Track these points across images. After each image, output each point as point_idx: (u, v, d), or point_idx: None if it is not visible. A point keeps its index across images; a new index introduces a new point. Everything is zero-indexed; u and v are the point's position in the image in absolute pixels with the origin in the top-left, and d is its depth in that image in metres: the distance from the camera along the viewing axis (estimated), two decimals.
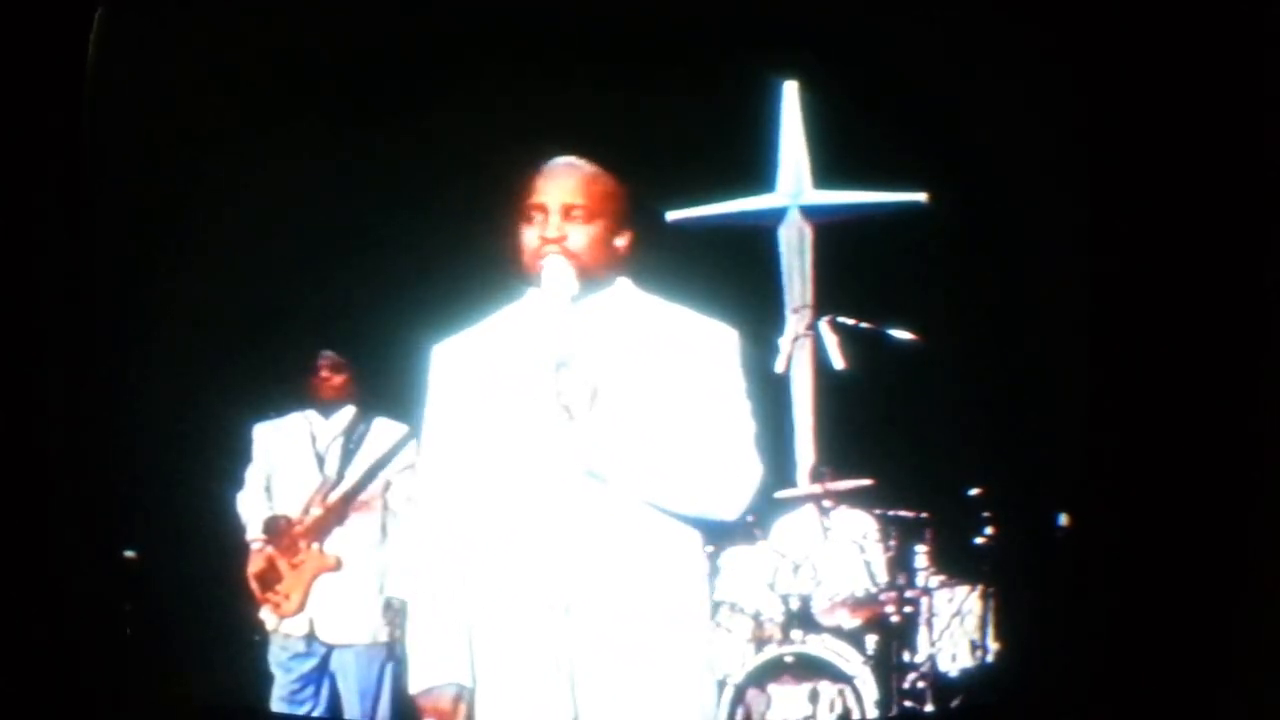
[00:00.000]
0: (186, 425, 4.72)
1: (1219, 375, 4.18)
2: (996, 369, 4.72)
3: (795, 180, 5.20)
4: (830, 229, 5.21)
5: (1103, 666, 4.25)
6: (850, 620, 5.11)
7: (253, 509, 5.07)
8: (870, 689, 4.98)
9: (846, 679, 4.97)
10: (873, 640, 5.07)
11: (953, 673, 5.07)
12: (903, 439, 4.98)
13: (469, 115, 4.71)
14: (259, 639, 4.99)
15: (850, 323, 5.12)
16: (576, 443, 2.90)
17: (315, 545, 5.02)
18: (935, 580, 5.16)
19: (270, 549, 5.01)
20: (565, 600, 2.87)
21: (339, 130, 4.68)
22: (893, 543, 5.19)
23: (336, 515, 5.05)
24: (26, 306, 4.21)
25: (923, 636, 5.10)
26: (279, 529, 5.03)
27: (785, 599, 5.12)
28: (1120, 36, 4.22)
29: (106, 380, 4.39)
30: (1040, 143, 4.46)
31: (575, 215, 3.07)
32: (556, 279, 3.00)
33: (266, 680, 4.99)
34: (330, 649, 5.06)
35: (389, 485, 5.09)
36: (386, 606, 5.06)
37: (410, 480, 5.08)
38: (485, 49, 4.62)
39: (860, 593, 5.16)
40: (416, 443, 4.98)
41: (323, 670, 5.07)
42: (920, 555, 5.20)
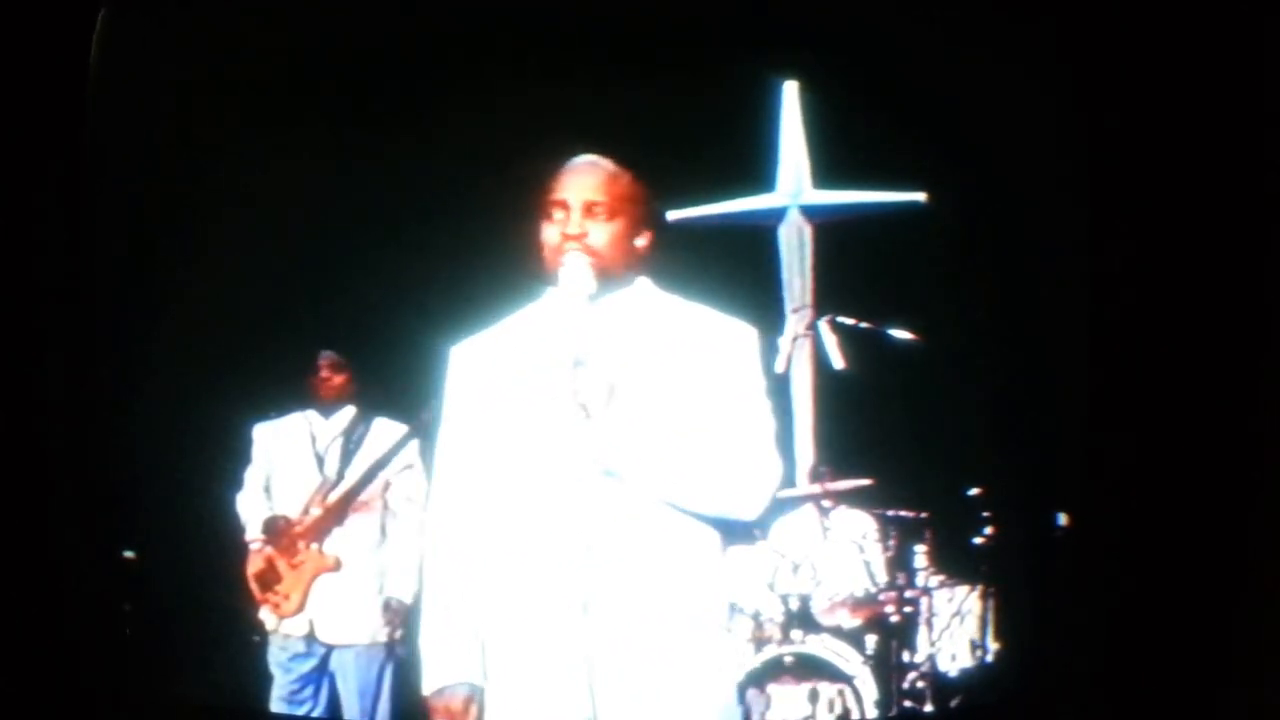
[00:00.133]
0: (186, 425, 4.71)
1: (1219, 375, 4.18)
2: (996, 369, 4.72)
3: (795, 180, 5.20)
4: (830, 229, 5.21)
5: (1103, 666, 4.24)
6: (850, 620, 5.11)
7: (252, 509, 5.06)
8: (870, 689, 4.98)
9: (846, 679, 4.97)
10: (872, 640, 5.07)
11: (952, 673, 5.07)
12: (902, 439, 4.98)
13: (468, 116, 4.71)
14: (258, 639, 4.99)
15: (850, 323, 5.12)
16: (593, 441, 2.89)
17: (315, 545, 5.02)
18: (935, 580, 5.16)
19: (270, 549, 5.01)
20: (583, 599, 2.86)
21: (341, 131, 4.68)
22: (892, 543, 5.19)
23: (336, 515, 5.04)
24: (26, 306, 4.20)
25: (922, 636, 5.10)
26: (278, 529, 5.03)
27: (785, 599, 5.12)
28: (1120, 36, 4.22)
29: (106, 380, 4.38)
30: (1040, 143, 4.46)
31: (597, 213, 3.05)
32: (575, 277, 2.99)
33: (266, 680, 4.98)
34: (330, 649, 5.05)
35: (389, 485, 5.09)
36: (386, 607, 5.06)
37: (410, 480, 5.09)
38: (485, 49, 4.62)
39: (860, 593, 5.16)
40: (416, 443, 5.03)
41: (322, 670, 5.06)
42: (920, 555, 5.19)
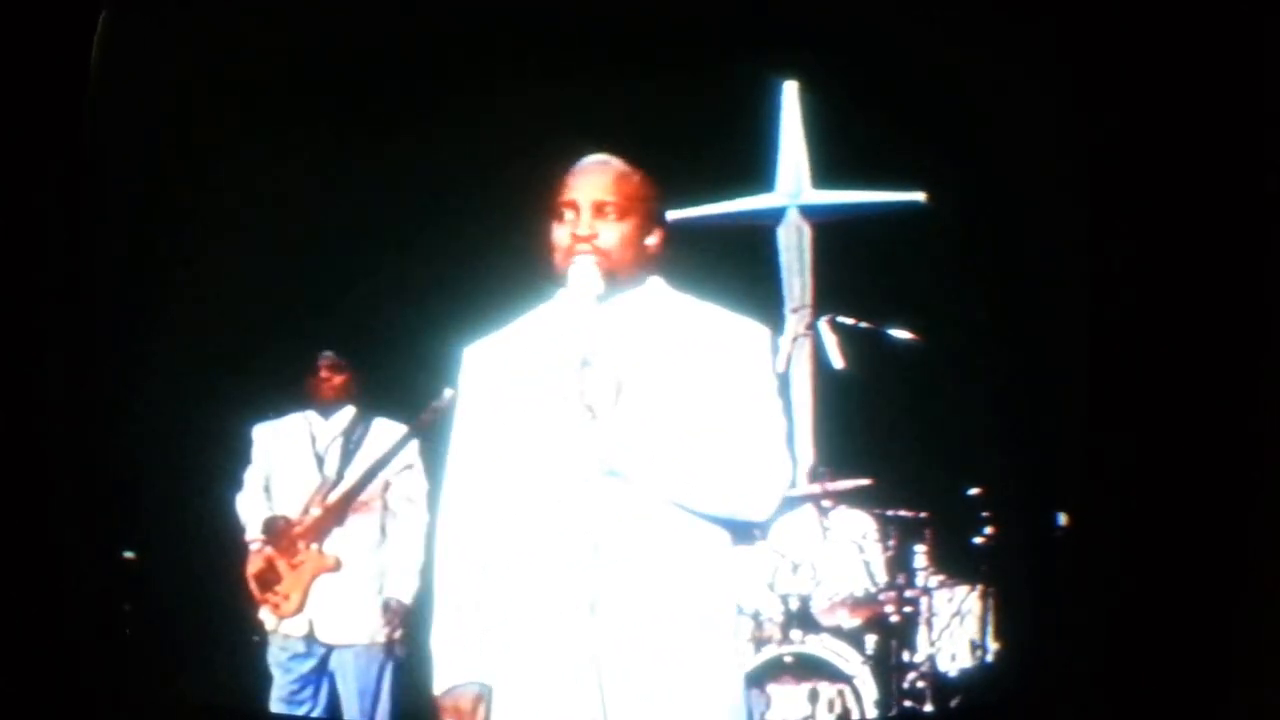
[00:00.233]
0: (186, 426, 4.71)
1: (1219, 375, 4.18)
2: (996, 369, 4.72)
3: (794, 180, 5.20)
4: (829, 229, 5.21)
5: (1102, 666, 4.24)
6: (850, 620, 5.10)
7: (252, 510, 5.06)
8: (870, 689, 4.98)
9: (846, 679, 4.96)
10: (872, 640, 5.06)
11: (952, 673, 5.07)
12: (902, 439, 4.98)
13: (466, 116, 4.71)
14: (258, 639, 4.99)
15: (849, 322, 5.12)
16: (599, 441, 2.88)
17: (314, 546, 5.02)
18: (935, 580, 5.16)
19: (269, 549, 5.01)
20: (590, 599, 2.85)
21: (340, 131, 4.68)
22: (892, 542, 5.18)
23: (336, 516, 5.04)
24: (26, 306, 4.20)
25: (922, 636, 5.09)
26: (278, 529, 5.02)
27: (785, 599, 5.12)
28: (1120, 36, 4.22)
29: (106, 380, 4.38)
30: (1040, 143, 4.46)
31: (607, 213, 3.03)
32: (584, 279, 2.97)
33: (265, 680, 4.98)
34: (329, 649, 5.05)
35: (388, 485, 5.09)
36: (385, 607, 5.06)
37: (410, 480, 5.09)
38: (484, 49, 4.61)
39: (860, 592, 5.16)
40: (416, 443, 5.03)
41: (322, 671, 5.06)
42: (920, 555, 5.19)
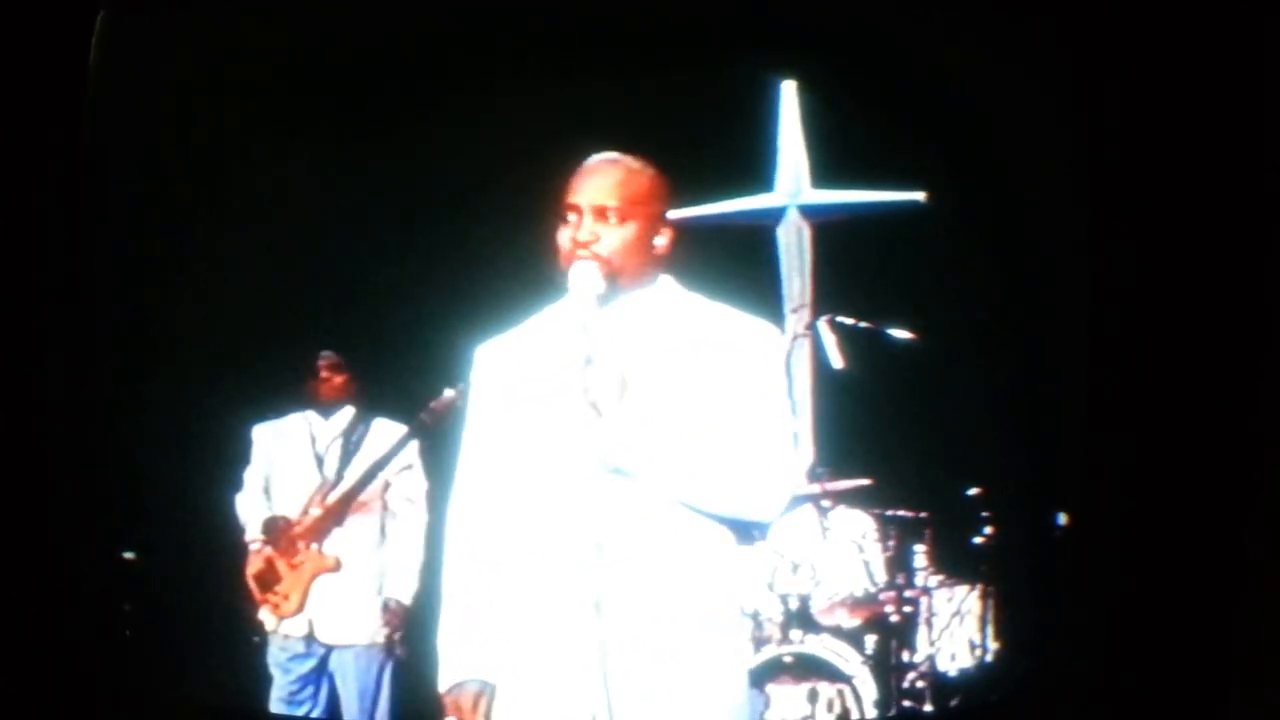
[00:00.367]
0: (186, 426, 4.71)
1: (1219, 375, 4.18)
2: (996, 369, 4.72)
3: (794, 180, 5.21)
4: (829, 228, 5.21)
5: (1102, 666, 4.24)
6: (849, 620, 5.10)
7: (252, 510, 5.06)
8: (869, 689, 4.98)
9: (845, 679, 4.96)
10: (872, 640, 5.06)
11: (952, 672, 5.07)
12: (902, 439, 4.98)
13: (466, 116, 4.71)
14: (258, 639, 4.99)
15: (849, 322, 5.12)
16: (603, 440, 2.87)
17: (314, 546, 5.02)
18: (934, 580, 5.16)
19: (269, 550, 5.01)
20: (595, 598, 2.85)
21: (340, 132, 4.68)
22: (891, 542, 5.18)
23: (335, 516, 5.04)
24: (26, 306, 4.20)
25: (922, 636, 5.09)
26: (278, 530, 5.02)
27: (784, 599, 5.11)
28: (1120, 36, 4.22)
29: (106, 380, 4.38)
30: (1040, 142, 4.46)
31: (608, 217, 3.00)
32: (583, 284, 2.95)
33: (265, 681, 4.98)
34: (329, 649, 5.05)
35: (388, 486, 5.08)
36: (385, 607, 5.05)
37: (410, 481, 5.08)
38: (482, 49, 4.61)
39: (859, 592, 5.16)
40: (416, 443, 5.03)
41: (321, 671, 5.06)
42: (919, 555, 5.19)
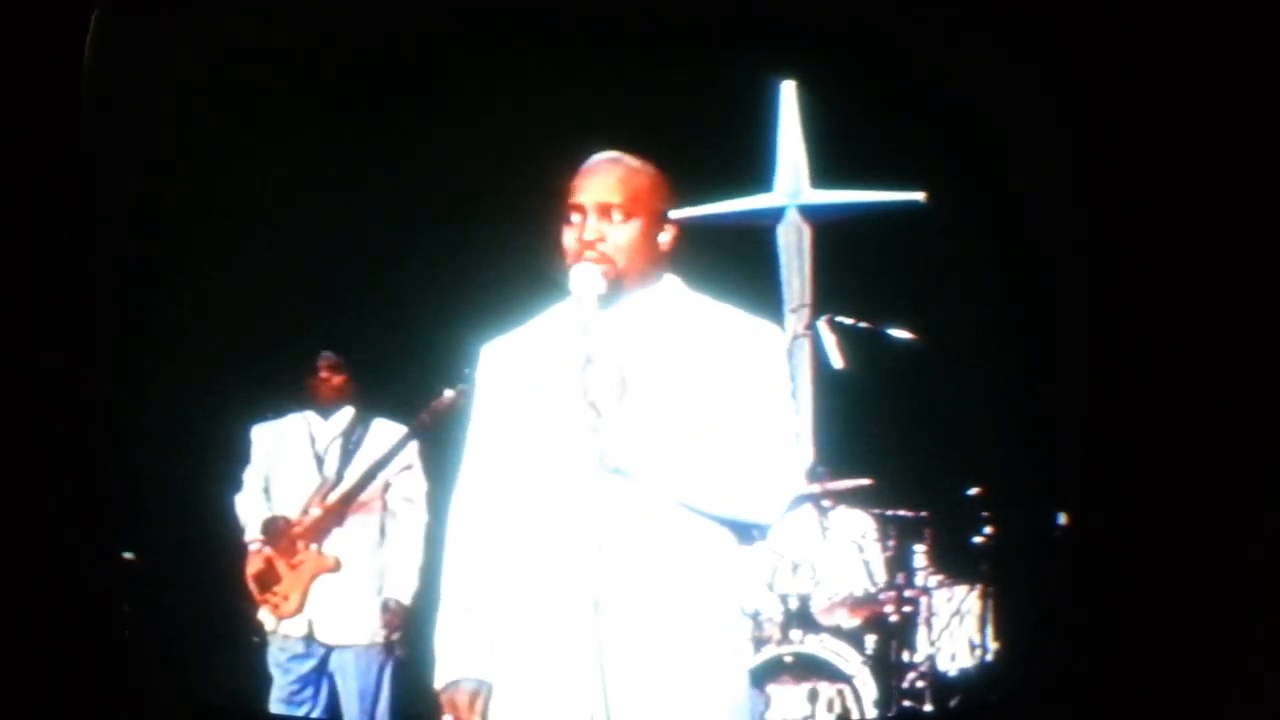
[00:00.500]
0: (186, 426, 4.71)
1: (1219, 375, 4.18)
2: (996, 369, 4.72)
3: (793, 180, 5.22)
4: (829, 228, 5.22)
5: (1102, 666, 4.24)
6: (849, 620, 5.10)
7: (252, 510, 5.06)
8: (869, 689, 4.97)
9: (846, 679, 4.96)
10: (872, 640, 5.06)
11: (952, 672, 5.07)
12: (902, 439, 4.98)
13: (464, 117, 4.72)
14: (258, 640, 4.99)
15: (849, 322, 5.13)
16: (602, 439, 2.86)
17: (314, 546, 5.01)
18: (934, 580, 5.16)
19: (269, 550, 5.01)
20: (594, 597, 2.84)
21: (340, 133, 4.69)
22: (891, 542, 5.19)
23: (335, 516, 5.04)
24: (26, 306, 4.20)
25: (922, 636, 5.10)
26: (278, 530, 5.02)
27: (784, 599, 5.11)
28: (1120, 36, 4.22)
29: (106, 380, 4.38)
30: (1040, 142, 4.46)
31: (612, 215, 3.00)
32: (585, 285, 2.95)
33: (265, 681, 4.98)
34: (329, 650, 5.04)
35: (388, 486, 5.08)
36: (385, 607, 5.05)
37: (410, 481, 5.09)
38: (482, 49, 4.62)
39: (859, 592, 5.16)
40: (415, 444, 5.03)
41: (321, 671, 5.05)
42: (919, 555, 5.20)
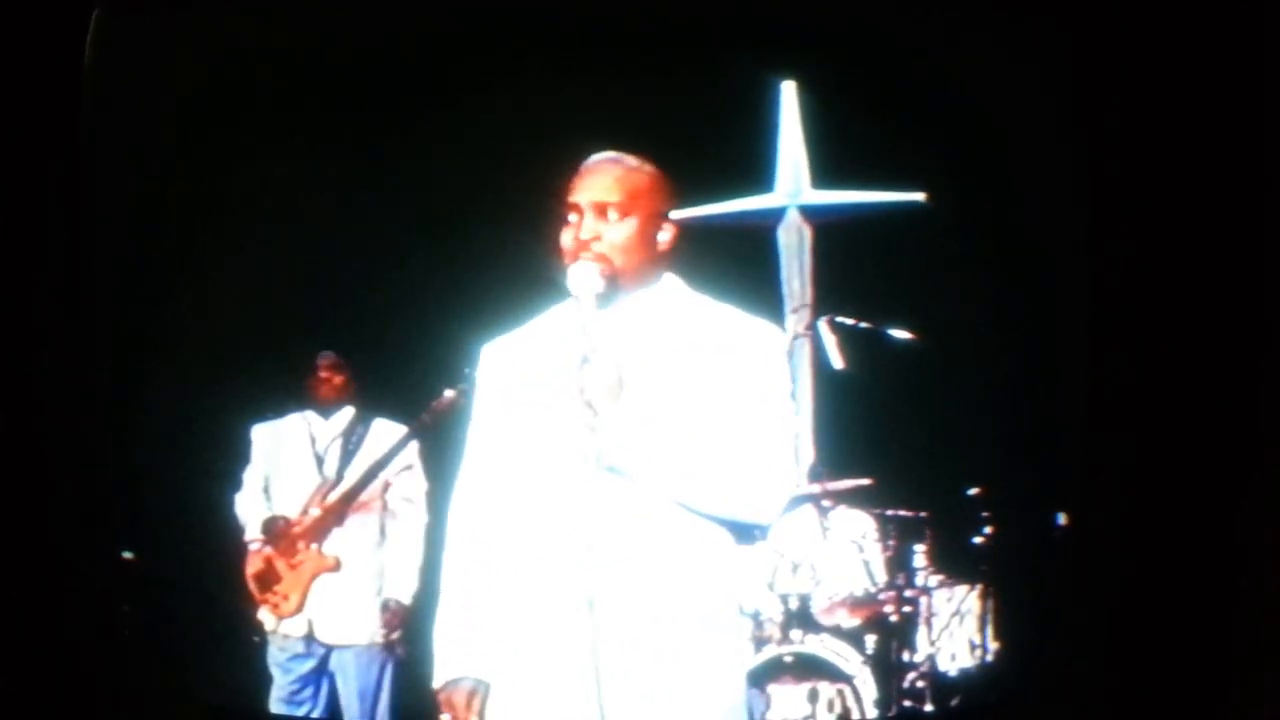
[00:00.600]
0: (186, 425, 4.71)
1: (1219, 375, 4.18)
2: (996, 369, 4.72)
3: (794, 180, 5.21)
4: (829, 229, 5.21)
5: (1102, 666, 4.24)
6: (849, 620, 5.11)
7: (252, 510, 5.06)
8: (870, 689, 4.98)
9: (846, 679, 4.96)
10: (872, 640, 5.07)
11: (952, 672, 5.07)
12: (902, 439, 4.98)
13: (464, 117, 4.71)
14: (258, 639, 4.99)
15: (849, 322, 5.13)
16: (598, 438, 2.87)
17: (314, 546, 5.02)
18: (934, 580, 5.16)
19: (269, 550, 5.01)
20: (588, 597, 2.85)
21: (340, 133, 4.68)
22: (891, 542, 5.19)
23: (335, 516, 5.04)
24: (26, 306, 4.20)
25: (922, 636, 5.10)
26: (278, 530, 5.02)
27: (784, 599, 5.12)
28: (1120, 36, 4.22)
29: (106, 380, 4.38)
30: (1040, 143, 4.46)
31: (609, 215, 3.00)
32: (583, 285, 2.95)
33: (265, 681, 4.98)
34: (329, 649, 5.05)
35: (388, 486, 5.09)
36: (385, 607, 5.06)
37: (410, 481, 5.09)
38: (482, 49, 4.61)
39: (859, 592, 5.16)
40: (415, 444, 5.03)
41: (321, 671, 5.06)
42: (919, 555, 5.20)
